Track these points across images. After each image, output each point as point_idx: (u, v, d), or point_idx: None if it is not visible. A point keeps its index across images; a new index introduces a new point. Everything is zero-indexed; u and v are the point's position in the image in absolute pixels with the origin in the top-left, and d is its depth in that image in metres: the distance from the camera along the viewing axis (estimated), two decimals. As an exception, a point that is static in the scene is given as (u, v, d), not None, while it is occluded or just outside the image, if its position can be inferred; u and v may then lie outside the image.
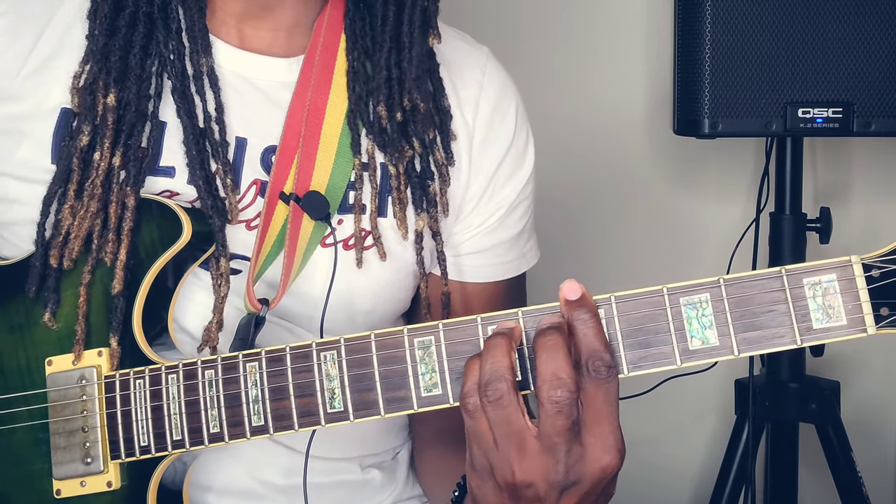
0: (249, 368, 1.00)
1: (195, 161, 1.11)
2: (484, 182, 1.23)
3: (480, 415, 0.92)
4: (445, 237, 1.22)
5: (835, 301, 0.90)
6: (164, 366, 1.03)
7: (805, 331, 0.90)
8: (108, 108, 1.09)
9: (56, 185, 1.09)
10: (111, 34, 1.11)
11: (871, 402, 2.29)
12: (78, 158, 1.09)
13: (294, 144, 1.14)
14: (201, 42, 1.13)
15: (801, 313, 0.90)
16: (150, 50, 1.12)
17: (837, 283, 0.90)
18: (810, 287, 0.90)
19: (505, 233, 1.26)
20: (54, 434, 1.05)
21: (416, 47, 1.16)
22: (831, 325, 0.90)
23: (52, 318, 1.07)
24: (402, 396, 0.97)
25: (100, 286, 1.07)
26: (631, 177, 2.34)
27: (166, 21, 1.12)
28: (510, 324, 0.93)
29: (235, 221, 1.12)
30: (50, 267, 1.08)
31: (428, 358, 0.96)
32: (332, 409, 0.98)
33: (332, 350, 0.98)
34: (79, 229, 1.07)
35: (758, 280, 0.91)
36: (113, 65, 1.10)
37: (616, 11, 2.32)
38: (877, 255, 0.90)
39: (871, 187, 2.28)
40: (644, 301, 0.93)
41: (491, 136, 1.24)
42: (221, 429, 1.01)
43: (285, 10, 1.17)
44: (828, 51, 1.82)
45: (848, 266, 0.90)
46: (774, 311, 0.91)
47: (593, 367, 0.89)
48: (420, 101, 1.16)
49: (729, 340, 0.91)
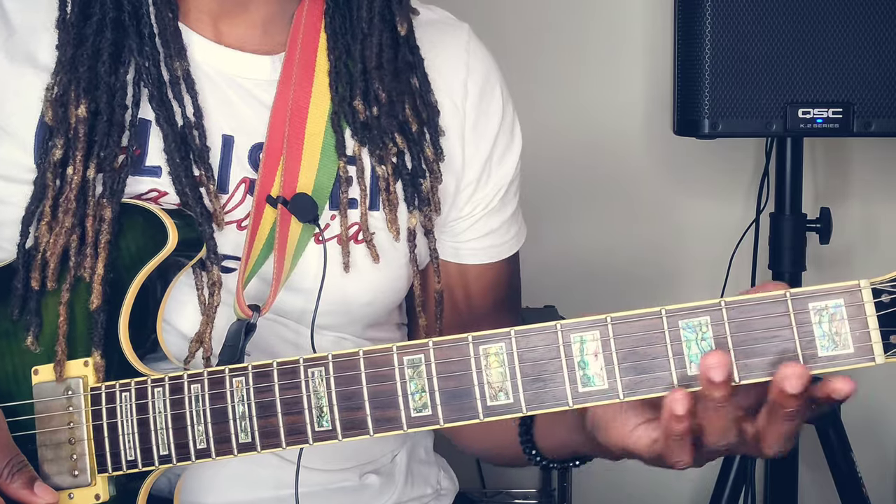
0: (236, 384, 0.99)
1: (179, 168, 1.09)
2: (480, 164, 1.22)
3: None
4: (443, 225, 1.22)
5: (842, 328, 0.85)
6: (150, 378, 1.02)
7: (810, 358, 0.85)
8: (79, 120, 1.07)
9: (33, 204, 1.07)
10: (79, 44, 1.09)
11: (871, 403, 2.29)
12: (52, 174, 1.07)
13: (279, 145, 1.13)
14: (174, 46, 1.10)
15: (805, 340, 0.86)
16: (122, 58, 1.09)
17: (845, 309, 0.85)
18: (816, 312, 0.85)
19: (507, 210, 1.25)
20: (41, 446, 1.04)
21: (376, 34, 1.14)
22: (838, 353, 0.85)
23: (34, 342, 1.06)
24: (392, 416, 0.94)
25: (84, 297, 1.05)
26: (631, 177, 2.34)
27: (138, 27, 1.10)
28: (722, 373, 0.87)
29: (224, 225, 1.11)
30: (31, 289, 1.06)
31: (418, 377, 0.94)
32: (320, 428, 0.96)
33: (321, 366, 0.96)
34: (54, 246, 1.05)
35: (761, 304, 0.87)
36: (82, 75, 1.08)
37: (616, 12, 2.32)
38: (887, 280, 0.85)
39: (871, 187, 2.27)
40: (641, 323, 0.89)
41: (482, 117, 1.23)
42: (208, 445, 0.99)
43: (260, 5, 1.15)
44: (828, 51, 1.81)
45: (856, 291, 0.85)
46: (778, 336, 0.86)
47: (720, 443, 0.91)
48: (382, 92, 1.14)
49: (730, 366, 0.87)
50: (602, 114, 2.33)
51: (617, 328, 0.89)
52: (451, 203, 1.22)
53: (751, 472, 1.97)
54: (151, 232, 1.06)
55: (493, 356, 0.92)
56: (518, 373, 0.92)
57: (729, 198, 2.30)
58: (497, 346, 0.92)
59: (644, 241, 2.35)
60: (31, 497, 1.00)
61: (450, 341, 0.93)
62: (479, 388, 0.92)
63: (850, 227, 2.24)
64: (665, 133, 2.10)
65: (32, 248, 1.07)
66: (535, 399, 0.91)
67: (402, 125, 1.16)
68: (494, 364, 0.92)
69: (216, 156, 1.12)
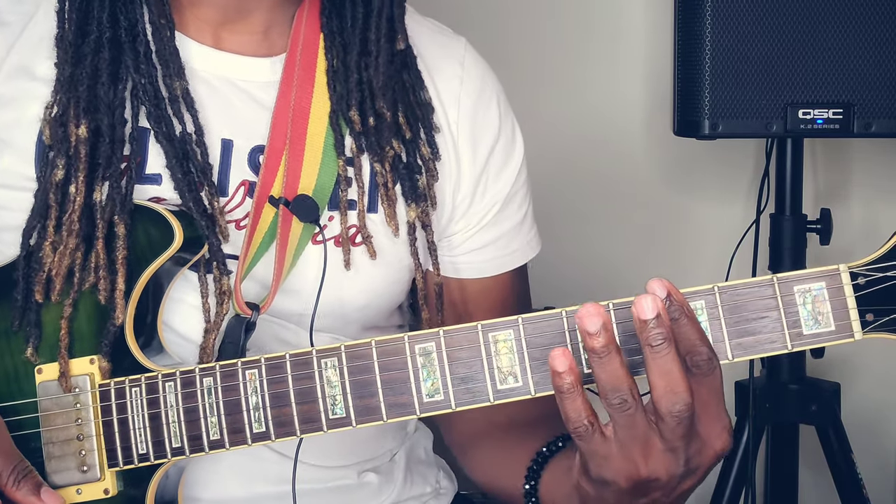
0: (249, 376, 1.00)
1: (182, 184, 1.08)
2: (474, 179, 1.22)
3: (594, 437, 0.93)
4: (440, 236, 1.22)
5: (824, 307, 0.93)
6: (160, 374, 1.02)
7: (795, 336, 0.94)
8: (80, 140, 1.07)
9: (34, 220, 1.07)
10: (77, 62, 1.08)
11: (871, 404, 2.29)
12: (54, 194, 1.06)
13: (280, 146, 1.13)
14: (173, 66, 1.10)
15: (791, 319, 0.93)
16: (119, 75, 1.09)
17: (826, 291, 0.93)
18: (800, 294, 0.93)
19: (505, 224, 1.25)
20: (47, 443, 1.04)
21: (383, 55, 1.15)
22: (821, 330, 0.93)
23: (34, 354, 1.06)
24: (405, 402, 0.98)
25: (88, 298, 1.06)
26: (630, 178, 2.34)
27: (134, 44, 1.09)
28: (597, 322, 0.90)
29: (228, 237, 1.10)
30: (32, 302, 1.06)
31: (429, 364, 0.97)
32: (333, 416, 0.99)
33: (333, 357, 0.98)
34: (59, 266, 1.05)
35: (751, 288, 0.94)
36: (81, 94, 1.07)
37: (615, 12, 2.32)
38: (863, 264, 0.94)
39: (872, 188, 2.27)
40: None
41: (476, 132, 1.23)
42: (222, 436, 1.00)
43: (261, 12, 1.15)
44: (828, 52, 1.82)
45: (836, 274, 0.93)
46: (767, 317, 0.94)
47: (693, 363, 0.91)
48: (386, 111, 1.15)
49: (723, 346, 0.94)
50: (602, 114, 2.33)
51: (619, 314, 0.94)
52: (448, 216, 1.22)
53: (751, 473, 1.97)
54: (156, 230, 1.06)
55: (501, 342, 0.96)
56: (526, 357, 0.95)
57: (729, 198, 2.30)
58: (506, 332, 0.97)
59: (644, 241, 2.35)
60: (37, 503, 1.00)
61: (460, 330, 0.97)
62: (489, 373, 0.96)
63: (851, 227, 2.24)
64: (665, 134, 2.10)
65: (34, 261, 1.06)
66: (544, 381, 0.96)
67: (398, 129, 1.16)
68: (504, 350, 0.96)
69: (215, 160, 1.13)
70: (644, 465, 0.94)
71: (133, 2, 1.09)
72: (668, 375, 0.90)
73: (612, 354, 0.90)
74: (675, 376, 0.90)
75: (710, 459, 0.96)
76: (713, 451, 0.96)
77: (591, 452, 0.95)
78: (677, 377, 0.90)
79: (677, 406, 0.90)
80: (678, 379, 0.90)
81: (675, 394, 0.90)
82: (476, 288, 1.26)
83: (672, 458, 0.94)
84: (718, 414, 0.95)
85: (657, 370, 0.90)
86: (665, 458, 0.93)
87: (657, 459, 0.94)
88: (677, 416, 0.91)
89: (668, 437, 0.92)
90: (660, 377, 0.90)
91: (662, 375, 0.90)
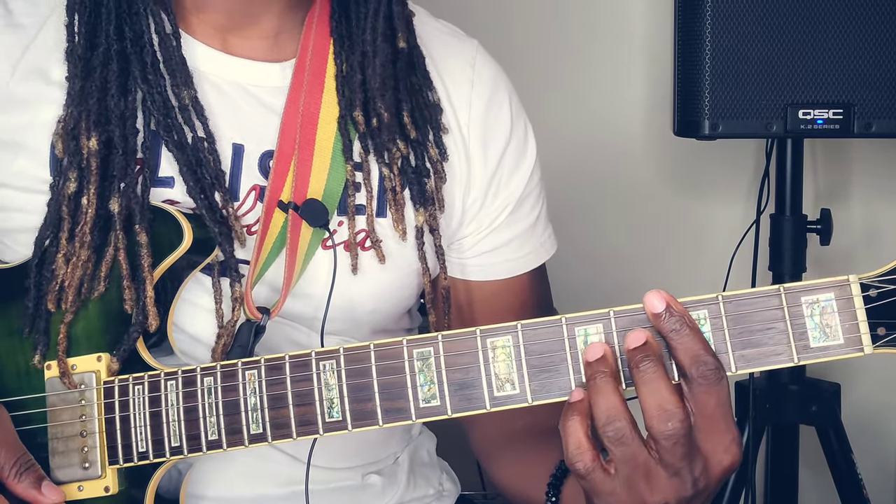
0: (248, 376, 1.00)
1: (194, 191, 1.09)
2: (486, 181, 1.22)
3: (597, 474, 0.92)
4: (450, 239, 1.21)
5: (832, 320, 0.90)
6: (163, 372, 1.03)
7: (802, 349, 0.90)
8: (91, 153, 1.07)
9: (47, 230, 1.07)
10: (87, 75, 1.08)
11: (871, 405, 2.29)
12: (67, 206, 1.07)
13: (290, 150, 1.13)
14: (181, 76, 1.10)
15: (798, 332, 0.90)
16: (129, 86, 1.09)
17: (835, 303, 0.90)
18: (808, 306, 0.90)
19: (518, 226, 1.25)
20: (52, 439, 1.05)
21: (381, 54, 1.15)
22: (828, 343, 0.90)
23: (41, 360, 1.06)
24: (401, 407, 0.96)
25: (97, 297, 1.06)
26: (631, 178, 2.34)
27: (140, 55, 1.09)
28: (599, 351, 0.91)
29: (245, 241, 1.11)
30: (43, 310, 1.06)
31: (427, 369, 0.96)
32: (330, 419, 0.98)
33: (332, 359, 0.98)
34: (72, 278, 1.05)
35: (756, 297, 0.91)
36: (92, 107, 1.08)
37: (615, 13, 2.32)
38: (875, 275, 0.90)
39: (872, 188, 2.27)
40: (643, 316, 0.92)
41: (488, 134, 1.22)
42: (220, 436, 1.00)
43: (270, 18, 1.15)
44: (828, 52, 1.82)
45: (846, 285, 0.90)
46: (772, 328, 0.90)
47: (699, 373, 0.89)
48: (384, 111, 1.15)
49: (727, 357, 0.91)
50: (602, 115, 2.33)
51: (619, 322, 0.92)
52: (459, 220, 1.21)
53: (751, 474, 1.97)
54: (166, 230, 1.06)
55: (500, 349, 0.95)
56: (524, 364, 0.94)
57: (729, 199, 2.30)
58: (504, 338, 0.95)
59: (644, 242, 2.36)
60: (38, 497, 1.01)
61: (458, 335, 0.96)
62: (486, 379, 0.95)
63: (851, 228, 2.24)
64: (665, 134, 2.10)
65: (46, 270, 1.07)
66: (541, 389, 0.94)
67: (404, 130, 1.16)
68: (501, 356, 0.95)
69: (227, 165, 1.13)
70: (650, 496, 0.92)
71: (138, 13, 1.09)
72: (656, 394, 0.89)
73: (608, 378, 0.91)
74: (664, 394, 0.89)
75: (719, 476, 0.93)
76: (721, 467, 0.92)
77: (595, 491, 0.93)
78: (666, 395, 0.89)
79: (670, 424, 0.89)
80: (667, 396, 0.89)
81: (665, 411, 0.89)
82: (488, 291, 1.25)
83: (678, 482, 0.91)
84: (727, 427, 0.92)
85: (645, 390, 0.89)
86: (671, 484, 0.92)
87: (663, 487, 0.92)
88: (672, 436, 0.89)
89: (670, 461, 0.90)
90: (649, 395, 0.89)
91: (651, 394, 0.89)
